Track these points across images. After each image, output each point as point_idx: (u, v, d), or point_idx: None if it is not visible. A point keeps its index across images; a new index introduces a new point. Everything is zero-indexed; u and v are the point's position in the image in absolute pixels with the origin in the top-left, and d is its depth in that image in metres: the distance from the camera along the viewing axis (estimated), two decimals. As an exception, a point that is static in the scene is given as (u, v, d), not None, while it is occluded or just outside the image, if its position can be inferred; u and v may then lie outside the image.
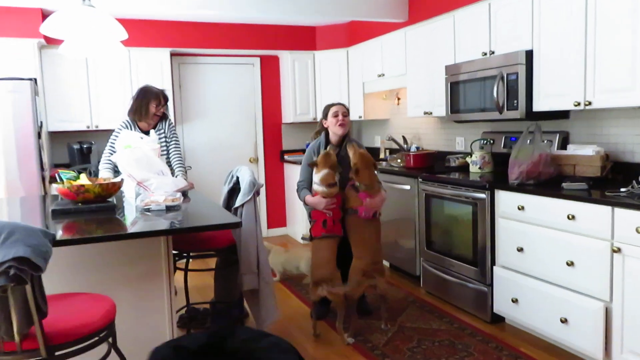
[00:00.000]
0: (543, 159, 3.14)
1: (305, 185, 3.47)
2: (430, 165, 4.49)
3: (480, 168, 3.93)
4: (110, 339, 2.00)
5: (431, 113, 4.44)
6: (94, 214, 2.74)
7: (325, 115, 3.51)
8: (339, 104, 3.52)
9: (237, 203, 3.08)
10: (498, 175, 3.70)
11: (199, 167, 6.03)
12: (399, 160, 4.73)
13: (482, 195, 3.39)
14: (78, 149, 5.08)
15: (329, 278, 3.19)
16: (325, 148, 3.44)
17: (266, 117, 6.31)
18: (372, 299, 3.76)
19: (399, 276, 4.60)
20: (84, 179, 2.98)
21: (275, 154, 6.39)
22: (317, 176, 3.29)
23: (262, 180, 6.35)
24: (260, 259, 3.08)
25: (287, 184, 6.37)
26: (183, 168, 4.05)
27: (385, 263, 4.81)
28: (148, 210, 2.77)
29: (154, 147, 3.46)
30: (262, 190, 6.36)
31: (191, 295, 4.18)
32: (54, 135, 5.34)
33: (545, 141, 3.43)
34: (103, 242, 2.26)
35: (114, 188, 2.87)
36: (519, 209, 3.12)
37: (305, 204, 3.43)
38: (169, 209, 2.80)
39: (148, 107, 3.85)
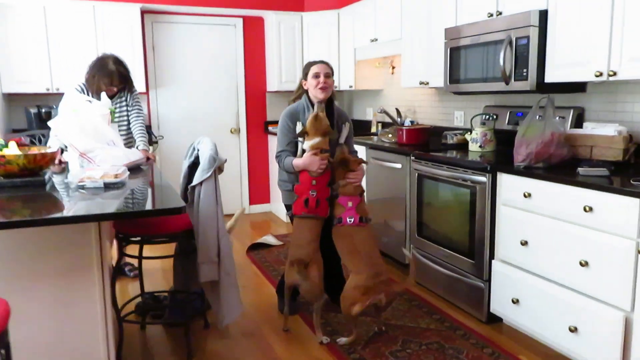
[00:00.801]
0: (556, 138, 2.68)
1: (288, 154, 2.98)
2: (425, 142, 4.02)
3: (481, 147, 3.47)
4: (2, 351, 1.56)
5: (428, 83, 3.95)
6: (18, 191, 2.28)
7: (305, 75, 3.03)
8: (322, 62, 3.02)
9: (195, 181, 2.62)
10: (501, 156, 3.24)
11: (172, 138, 5.54)
12: (390, 135, 4.26)
13: (482, 179, 2.94)
14: (36, 113, 4.59)
15: (306, 260, 2.76)
16: (308, 109, 2.98)
17: (249, 84, 5.79)
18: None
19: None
20: (12, 148, 2.50)
21: (258, 125, 5.90)
22: (307, 143, 2.84)
23: (244, 153, 5.87)
24: (222, 245, 2.64)
25: (271, 157, 5.90)
26: (145, 138, 3.57)
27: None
28: (82, 187, 2.31)
29: (104, 112, 2.97)
30: (244, 165, 5.89)
31: (158, 281, 3.78)
32: (11, 98, 4.83)
33: (558, 118, 2.96)
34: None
35: (44, 160, 2.40)
36: (525, 196, 2.67)
37: (292, 171, 2.92)
38: (108, 186, 2.34)
39: (99, 85, 3.35)
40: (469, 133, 3.61)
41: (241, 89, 5.76)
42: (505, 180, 2.82)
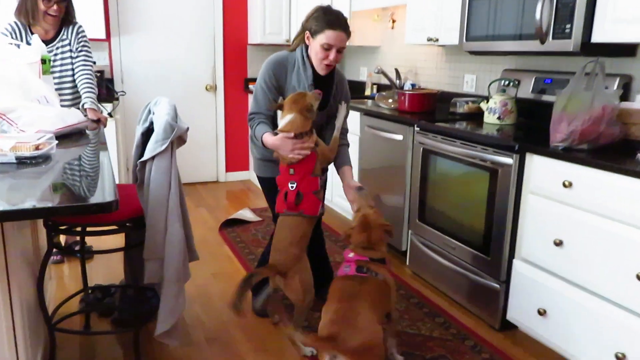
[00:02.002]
0: (607, 114, 2.12)
1: (263, 118, 2.33)
2: (431, 110, 3.44)
3: (499, 118, 2.91)
4: None
5: (437, 40, 3.33)
6: None
7: (312, 31, 2.25)
8: (341, 27, 2.22)
9: (145, 155, 2.02)
10: (527, 132, 2.69)
11: (137, 95, 4.86)
12: (390, 101, 3.66)
13: (508, 160, 2.39)
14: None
15: (283, 269, 2.20)
16: (303, 69, 2.32)
17: (228, 35, 5.08)
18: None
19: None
20: None
21: (237, 82, 5.23)
22: (281, 122, 2.20)
23: (220, 113, 5.22)
24: (171, 239, 2.06)
25: (251, 120, 5.26)
26: (93, 93, 2.92)
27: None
28: (-14, 163, 1.71)
29: (32, 59, 2.32)
30: (221, 127, 5.25)
31: (111, 270, 3.18)
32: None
33: (608, 88, 2.40)
34: None
35: None
36: (564, 185, 2.13)
37: (264, 147, 2.29)
38: (22, 161, 1.74)
39: (36, 4, 2.67)
40: (485, 101, 3.04)
41: (219, 39, 5.05)
42: (538, 164, 2.28)
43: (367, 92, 4.64)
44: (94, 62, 3.02)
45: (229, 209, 4.47)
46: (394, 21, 4.31)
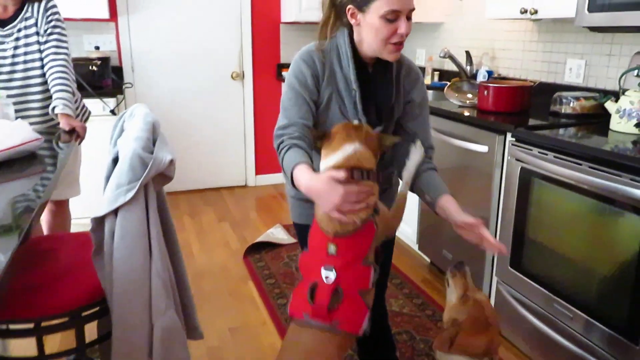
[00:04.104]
0: None
1: (296, 137, 1.38)
2: (524, 110, 2.54)
3: (638, 125, 2.00)
4: None
5: (536, 12, 2.42)
6: None
7: (360, 4, 1.35)
8: None
9: (102, 208, 1.24)
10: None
11: (151, 85, 4.11)
12: (469, 96, 2.77)
13: (684, 204, 1.50)
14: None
15: None
16: (345, 64, 1.43)
17: (257, 13, 4.25)
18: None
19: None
20: None
21: (269, 69, 4.42)
22: (326, 160, 1.30)
23: (249, 106, 4.43)
24: (156, 335, 1.30)
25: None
26: (67, 92, 2.17)
27: (425, 258, 3.04)
28: None
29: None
30: (249, 121, 4.47)
31: None
32: None
33: None
34: None
35: None
36: None
37: (293, 184, 1.32)
38: None
39: None
40: (612, 99, 2.12)
41: (246, 18, 4.23)
42: None
43: (427, 81, 3.74)
44: (67, 47, 2.25)
45: (258, 225, 3.71)
46: (464, -10, 3.39)
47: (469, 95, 2.72)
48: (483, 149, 2.33)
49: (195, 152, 4.34)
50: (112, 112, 3.37)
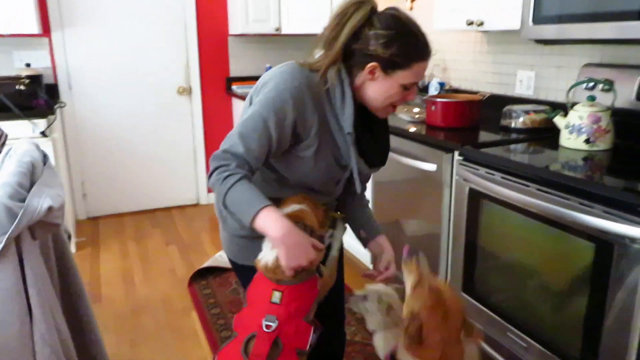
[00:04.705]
0: None
1: (247, 171, 1.20)
2: (473, 125, 2.43)
3: (588, 142, 1.90)
4: None
5: (481, 24, 2.32)
6: None
7: (393, 64, 1.23)
8: (429, 50, 1.28)
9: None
10: (642, 167, 1.69)
11: (89, 105, 3.87)
12: (415, 110, 2.65)
13: (637, 232, 1.39)
14: None
15: None
16: (341, 106, 1.28)
17: (203, 25, 4.07)
18: None
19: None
20: None
21: (217, 82, 4.23)
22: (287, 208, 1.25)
23: (198, 122, 4.23)
24: None
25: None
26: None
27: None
28: None
29: None
30: (199, 138, 4.27)
31: None
32: None
33: None
34: None
35: None
36: None
37: (241, 221, 1.19)
38: None
39: None
40: (562, 113, 2.03)
41: (192, 31, 4.04)
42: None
43: (380, 93, 3.63)
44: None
45: (207, 248, 3.51)
46: (412, 1, 3.28)
47: (416, 110, 2.60)
48: (432, 167, 2.20)
49: (142, 171, 4.12)
50: (43, 133, 3.13)
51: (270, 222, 1.14)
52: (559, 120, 2.01)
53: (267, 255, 1.20)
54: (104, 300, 2.83)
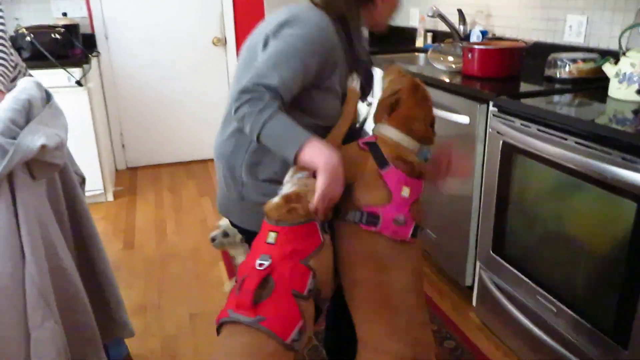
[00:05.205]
0: None
1: (282, 104, 1.16)
2: (514, 75, 2.24)
3: None
4: None
5: (528, -39, 2.10)
6: None
7: None
8: None
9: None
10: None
11: (125, 54, 3.87)
12: (450, 59, 2.48)
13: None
14: None
15: None
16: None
17: (238, -29, 3.95)
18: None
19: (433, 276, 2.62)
20: None
21: (253, 34, 4.13)
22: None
23: (233, 71, 4.17)
24: (35, 352, 1.12)
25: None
26: (3, 63, 1.95)
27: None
28: None
29: None
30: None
31: None
32: None
33: None
34: None
35: None
36: None
37: (286, 156, 1.15)
38: None
39: None
40: (611, 60, 1.83)
41: (227, -22, 3.94)
42: None
43: (419, 43, 3.44)
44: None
45: (237, 201, 3.52)
46: (457, -60, 3.04)
47: (450, 59, 2.43)
48: (464, 119, 2.06)
49: (178, 122, 4.13)
50: (78, 83, 3.16)
51: (319, 153, 1.11)
52: (608, 68, 1.82)
53: (281, 193, 1.17)
54: (137, 247, 2.90)
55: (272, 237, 1.13)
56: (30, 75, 2.27)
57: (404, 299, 1.19)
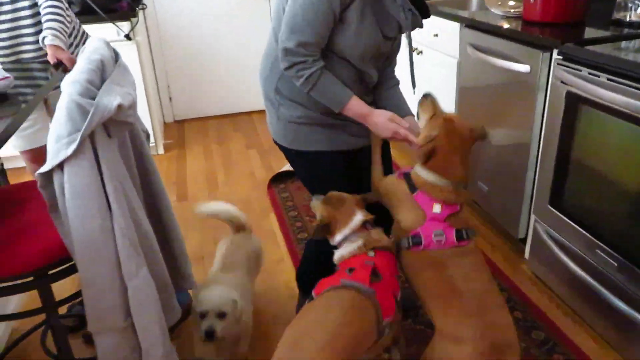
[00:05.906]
0: None
1: (320, 50, 1.37)
2: (578, 20, 2.12)
3: None
4: None
5: None
6: None
7: None
8: None
9: (46, 165, 1.09)
10: None
11: (170, 7, 3.85)
12: (511, 3, 2.36)
13: None
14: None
15: None
16: None
17: None
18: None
19: (482, 225, 2.61)
20: None
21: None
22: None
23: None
24: (137, 295, 1.20)
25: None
26: (57, 21, 1.99)
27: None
28: None
29: None
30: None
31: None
32: None
33: None
34: None
35: None
36: None
37: (335, 108, 1.44)
38: None
39: None
40: (690, 3, 1.70)
41: None
42: None
43: (471, -14, 3.27)
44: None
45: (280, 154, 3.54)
46: None
47: (511, 4, 2.31)
48: (524, 68, 1.98)
49: (223, 75, 4.14)
50: (127, 36, 3.18)
51: (361, 106, 1.42)
52: (687, 11, 1.69)
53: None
54: (190, 199, 2.99)
55: (371, 252, 1.35)
56: (84, 31, 2.31)
57: (469, 286, 1.30)
